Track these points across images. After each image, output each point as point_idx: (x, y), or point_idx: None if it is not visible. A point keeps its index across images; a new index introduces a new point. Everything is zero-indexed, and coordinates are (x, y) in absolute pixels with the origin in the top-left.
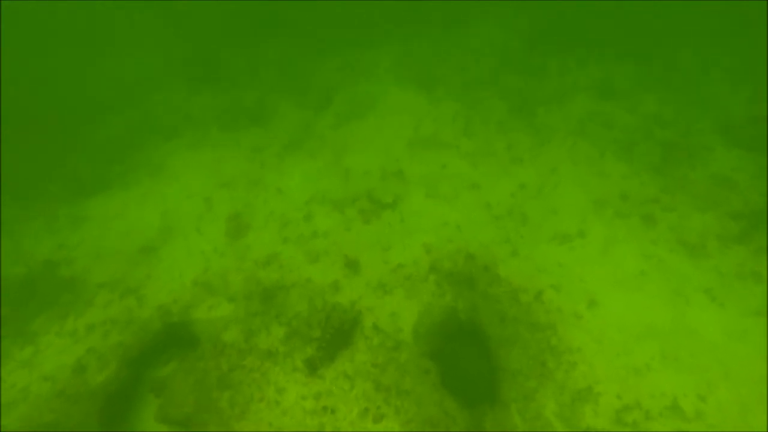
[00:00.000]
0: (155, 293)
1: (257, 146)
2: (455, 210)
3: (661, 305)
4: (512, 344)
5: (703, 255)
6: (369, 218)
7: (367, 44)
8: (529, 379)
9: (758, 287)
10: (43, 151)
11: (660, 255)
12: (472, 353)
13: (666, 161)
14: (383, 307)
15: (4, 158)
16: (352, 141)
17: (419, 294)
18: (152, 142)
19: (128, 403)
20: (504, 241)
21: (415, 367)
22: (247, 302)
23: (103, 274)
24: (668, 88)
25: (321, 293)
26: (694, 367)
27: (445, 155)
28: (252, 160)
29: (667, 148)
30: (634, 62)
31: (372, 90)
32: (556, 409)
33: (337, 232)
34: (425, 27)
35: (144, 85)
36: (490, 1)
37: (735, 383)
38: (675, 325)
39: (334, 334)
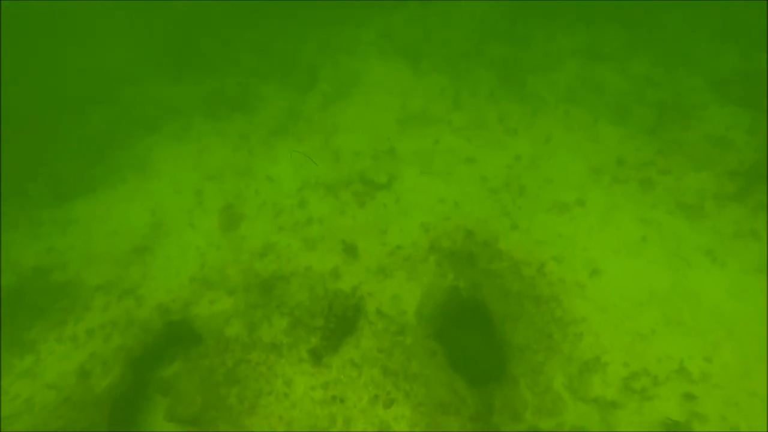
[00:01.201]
0: (153, 292)
1: (243, 133)
2: (451, 186)
3: (663, 269)
4: (517, 319)
5: (701, 216)
6: (363, 200)
7: (347, 21)
8: (536, 353)
9: (757, 245)
10: (20, 153)
11: (659, 219)
12: (477, 331)
13: (660, 123)
14: (385, 291)
15: None
16: (340, 121)
17: (420, 275)
18: (134, 136)
19: (136, 406)
20: (502, 214)
21: (421, 349)
22: (246, 295)
23: (98, 277)
24: (658, 48)
25: (321, 281)
26: (698, 329)
27: (436, 130)
28: (239, 148)
29: (660, 109)
30: (621, 24)
31: (356, 67)
32: (564, 381)
33: (332, 217)
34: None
35: (120, 77)
36: None
37: (738, 342)
38: (677, 289)
39: (337, 322)
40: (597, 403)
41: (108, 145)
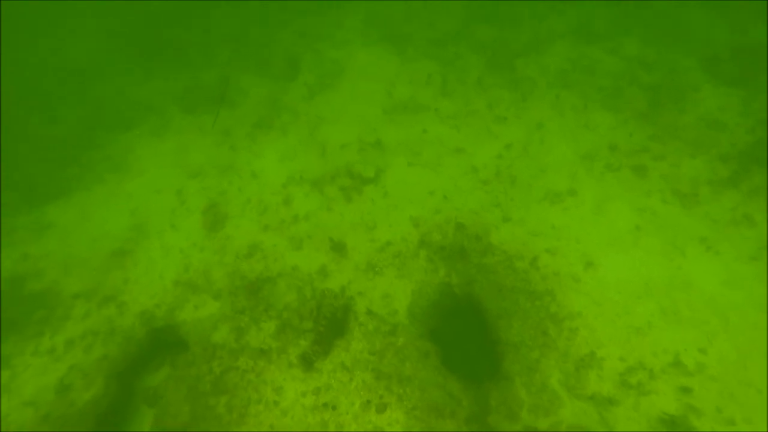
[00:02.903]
0: (135, 298)
1: (225, 128)
2: (440, 177)
3: (658, 260)
4: (512, 315)
5: (696, 203)
6: (351, 196)
7: (328, 6)
8: (532, 350)
9: (751, 231)
10: None
11: (653, 207)
12: (471, 329)
13: (653, 107)
14: (375, 290)
15: None
16: (325, 113)
17: (411, 272)
18: (109, 135)
19: (121, 418)
20: (494, 206)
21: (414, 350)
22: (233, 298)
23: (77, 284)
24: (648, 26)
25: (309, 281)
26: (693, 320)
27: (424, 119)
28: (221, 144)
29: (653, 92)
30: (610, 3)
31: (339, 55)
32: (561, 378)
33: (318, 214)
34: None
35: (91, 73)
36: None
37: (734, 332)
38: (673, 280)
39: (327, 324)
40: (593, 400)
41: (82, 144)
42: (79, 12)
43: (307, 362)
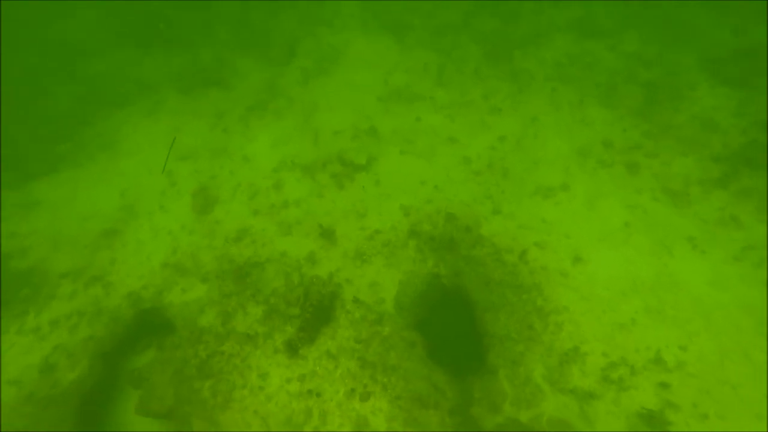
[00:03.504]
0: (123, 279)
1: (219, 110)
2: (432, 167)
3: (646, 258)
4: (498, 308)
5: (686, 202)
6: (342, 182)
7: None
8: (517, 343)
9: (738, 233)
10: None
11: (644, 205)
12: (457, 321)
13: (649, 104)
14: (363, 278)
15: None
16: (320, 99)
17: (399, 261)
18: (102, 112)
19: (106, 399)
20: (485, 197)
21: (400, 340)
22: (220, 282)
23: (64, 263)
24: (650, 24)
25: (297, 267)
26: (677, 318)
27: (419, 108)
28: (214, 126)
29: (650, 89)
30: None
31: (337, 41)
32: (544, 372)
33: (309, 200)
34: None
35: (87, 49)
36: None
37: (715, 332)
38: (659, 278)
39: (313, 311)
40: (575, 394)
41: (74, 121)
42: None
43: (293, 349)
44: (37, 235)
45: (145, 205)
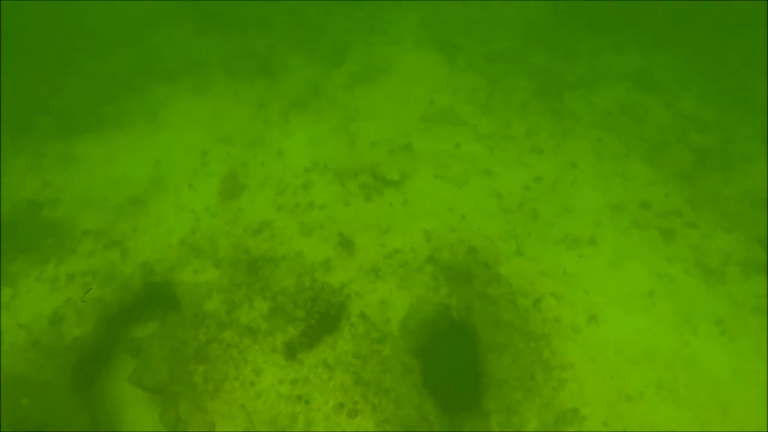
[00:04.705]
0: (140, 248)
1: (262, 101)
2: (463, 196)
3: (666, 331)
4: (503, 351)
5: (720, 281)
6: (370, 195)
7: (388, 0)
8: (516, 390)
9: None
10: (36, 81)
11: (673, 275)
12: (459, 356)
13: (697, 169)
14: (374, 294)
15: None
16: (362, 106)
17: (413, 285)
18: (150, 82)
19: (103, 362)
20: (510, 236)
21: (398, 363)
22: (232, 270)
23: (88, 221)
24: (712, 84)
25: (310, 270)
26: (691, 402)
27: (459, 133)
28: (255, 115)
29: (701, 154)
30: (677, 51)
31: (389, 51)
32: (538, 427)
33: (335, 206)
34: None
35: (145, 20)
36: None
37: (734, 425)
38: (677, 355)
39: (319, 318)
40: None
41: (122, 87)
42: None
43: (291, 351)
44: (70, 189)
45: (174, 180)
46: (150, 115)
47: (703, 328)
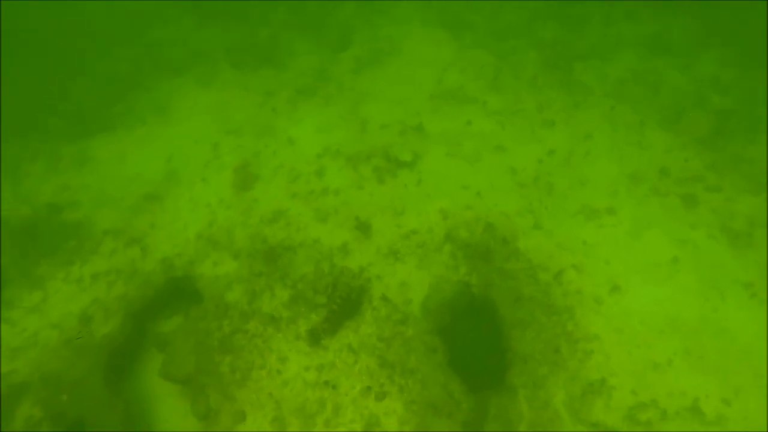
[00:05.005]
0: (159, 245)
1: (269, 89)
2: (477, 173)
3: (692, 297)
4: (526, 327)
5: (748, 245)
6: (384, 177)
7: None
8: (541, 365)
9: None
10: (45, 83)
11: (697, 241)
12: (482, 333)
13: (718, 133)
14: (393, 276)
15: (4, 91)
16: (370, 89)
17: (432, 264)
18: (157, 77)
19: (132, 357)
20: (527, 211)
21: (421, 343)
22: (251, 261)
23: (108, 221)
24: (731, 45)
25: (329, 256)
26: (721, 368)
27: (470, 111)
28: (263, 104)
29: (721, 117)
30: (693, 15)
31: (395, 33)
32: (565, 399)
33: (349, 190)
34: None
35: (147, 16)
36: None
37: (766, 390)
38: (705, 321)
39: (340, 303)
40: (596, 428)
41: (130, 84)
42: None
43: (315, 337)
44: (87, 190)
45: (188, 174)
46: (159, 110)
47: (731, 292)
